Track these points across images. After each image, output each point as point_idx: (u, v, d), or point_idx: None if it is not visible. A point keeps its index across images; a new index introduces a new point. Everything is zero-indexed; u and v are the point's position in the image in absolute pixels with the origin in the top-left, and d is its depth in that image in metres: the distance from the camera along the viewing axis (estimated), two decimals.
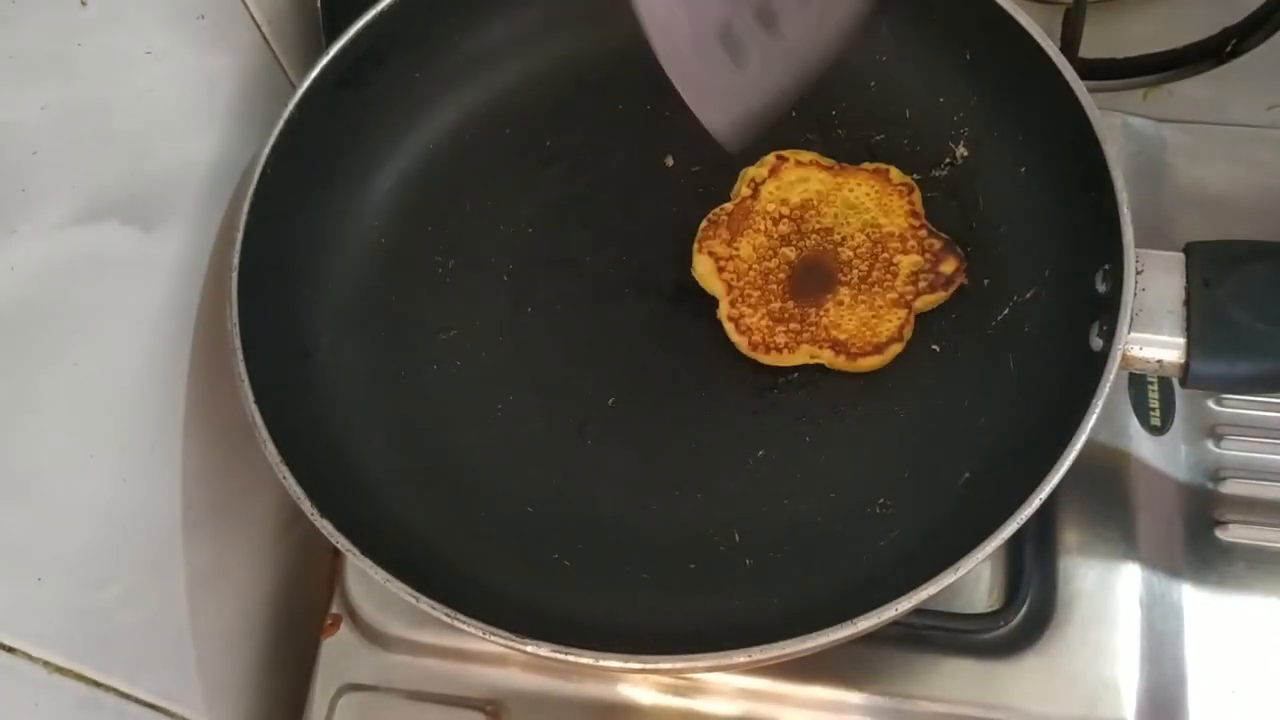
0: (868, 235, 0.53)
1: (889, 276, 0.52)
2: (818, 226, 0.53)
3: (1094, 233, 0.48)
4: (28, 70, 0.40)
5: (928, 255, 0.52)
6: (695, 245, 0.54)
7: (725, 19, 0.43)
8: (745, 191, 0.54)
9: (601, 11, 0.59)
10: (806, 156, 0.55)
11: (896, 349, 0.51)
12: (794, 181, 0.54)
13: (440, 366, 0.53)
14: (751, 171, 0.54)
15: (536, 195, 0.57)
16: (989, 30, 0.52)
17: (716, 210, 0.54)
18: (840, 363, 0.51)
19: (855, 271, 0.52)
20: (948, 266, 0.52)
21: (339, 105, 0.55)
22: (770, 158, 0.54)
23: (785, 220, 0.53)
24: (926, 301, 0.52)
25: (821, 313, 0.52)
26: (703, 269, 0.53)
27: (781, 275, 0.53)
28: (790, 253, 0.53)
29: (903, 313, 0.51)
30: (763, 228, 0.53)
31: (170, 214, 0.49)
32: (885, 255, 0.52)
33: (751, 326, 0.52)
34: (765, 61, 0.43)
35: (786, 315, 0.52)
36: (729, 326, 0.52)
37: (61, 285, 0.43)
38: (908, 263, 0.52)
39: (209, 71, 0.52)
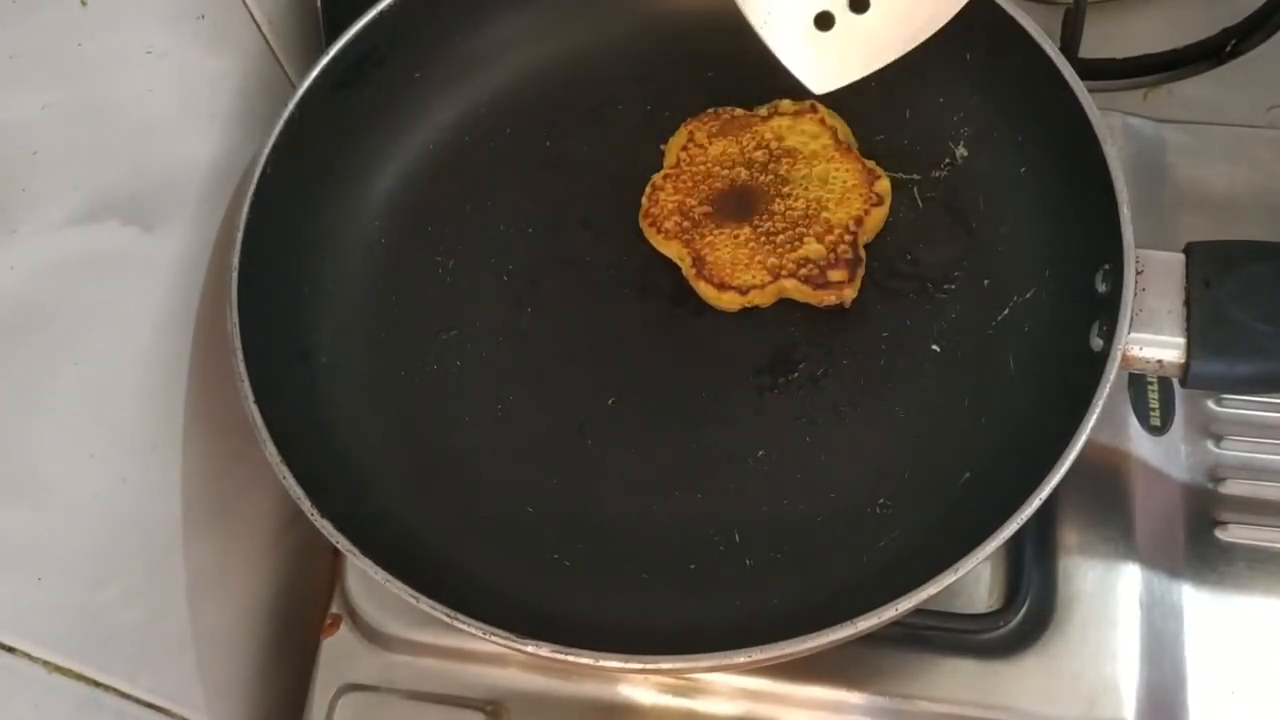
0: (807, 207, 0.53)
1: (787, 246, 0.52)
2: (781, 172, 0.54)
3: (1094, 233, 0.48)
4: (28, 70, 0.40)
5: (830, 255, 0.52)
6: (686, 120, 0.56)
7: (822, 7, 0.48)
8: (763, 113, 0.56)
9: (601, 11, 0.59)
10: (839, 123, 0.55)
11: (734, 300, 0.52)
12: (804, 129, 0.55)
13: (440, 366, 0.53)
14: (783, 104, 0.56)
15: (536, 195, 0.57)
16: (989, 30, 0.52)
17: (729, 108, 0.56)
18: (690, 275, 0.53)
19: (769, 223, 0.53)
20: (835, 275, 0.52)
21: (339, 105, 0.55)
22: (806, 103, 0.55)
23: (764, 150, 0.54)
24: (796, 288, 0.52)
25: (716, 231, 0.53)
26: (674, 140, 0.56)
27: (719, 185, 0.54)
28: (743, 174, 0.54)
29: (768, 278, 0.52)
30: (743, 143, 0.55)
31: (170, 214, 0.49)
32: (801, 230, 0.53)
33: (661, 201, 0.54)
34: (855, 38, 0.48)
35: (690, 213, 0.53)
36: (648, 189, 0.55)
37: (61, 285, 0.43)
38: (811, 248, 0.52)
39: (209, 71, 0.52)
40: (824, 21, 0.49)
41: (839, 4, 0.49)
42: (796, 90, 0.51)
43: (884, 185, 0.54)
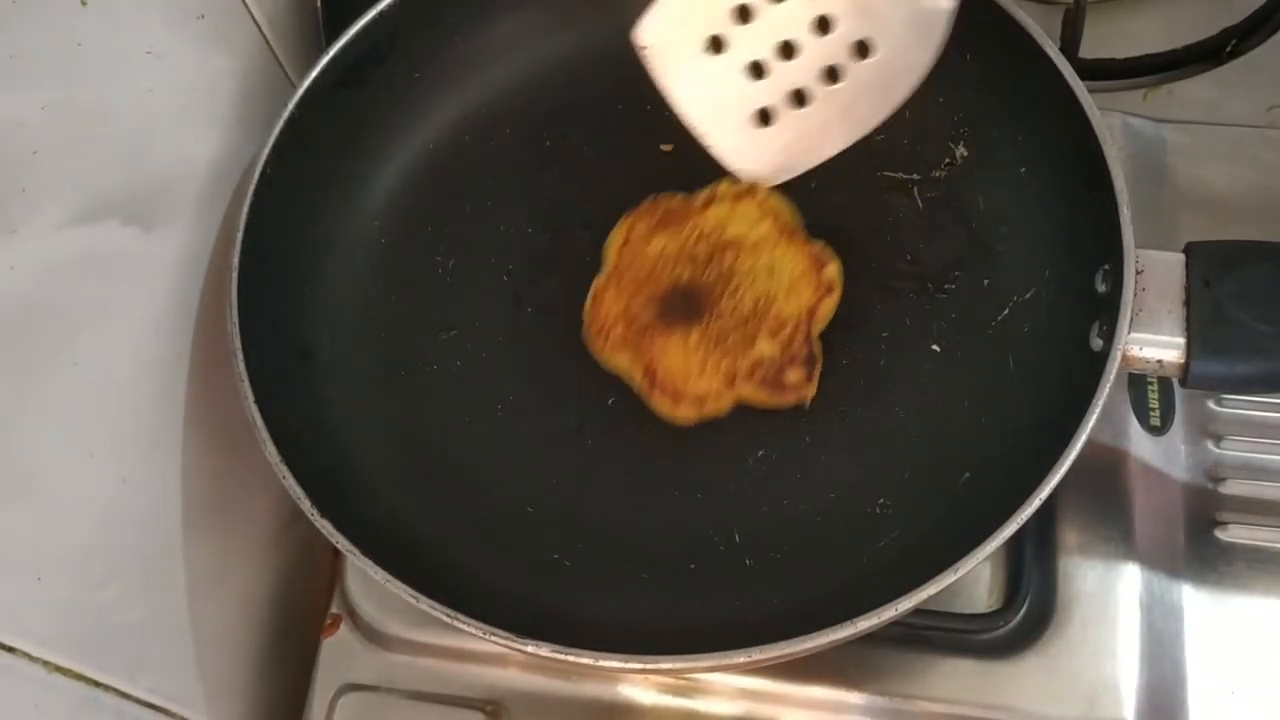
0: (756, 302, 0.51)
1: (738, 347, 0.50)
2: (725, 267, 0.52)
3: (1094, 233, 0.48)
4: (28, 70, 0.40)
5: (784, 354, 0.50)
6: (625, 214, 0.54)
7: (762, 104, 0.48)
8: (701, 199, 0.54)
9: (601, 11, 0.59)
10: (781, 204, 0.53)
11: (690, 411, 0.50)
12: (744, 215, 0.53)
13: (440, 366, 0.53)
14: (724, 186, 0.53)
15: (536, 195, 0.57)
16: (989, 30, 0.52)
17: (668, 196, 0.54)
18: (643, 388, 0.50)
19: (719, 324, 0.51)
20: (792, 376, 0.50)
21: (339, 105, 0.55)
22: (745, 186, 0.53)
23: (706, 241, 0.52)
24: (751, 391, 0.50)
25: (664, 336, 0.51)
26: (613, 237, 0.53)
27: (662, 285, 0.51)
28: (685, 272, 0.52)
29: (720, 385, 0.50)
30: (685, 234, 0.52)
31: (170, 214, 0.49)
32: (753, 329, 0.50)
33: (605, 310, 0.52)
34: (796, 133, 0.47)
35: (635, 319, 0.51)
36: (590, 298, 0.52)
37: (61, 285, 0.43)
38: (765, 348, 0.50)
39: (209, 71, 0.52)
40: (765, 118, 0.47)
41: (781, 99, 0.47)
42: None
43: (833, 270, 0.52)
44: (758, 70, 0.47)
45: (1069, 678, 0.51)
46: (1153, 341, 0.46)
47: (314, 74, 0.53)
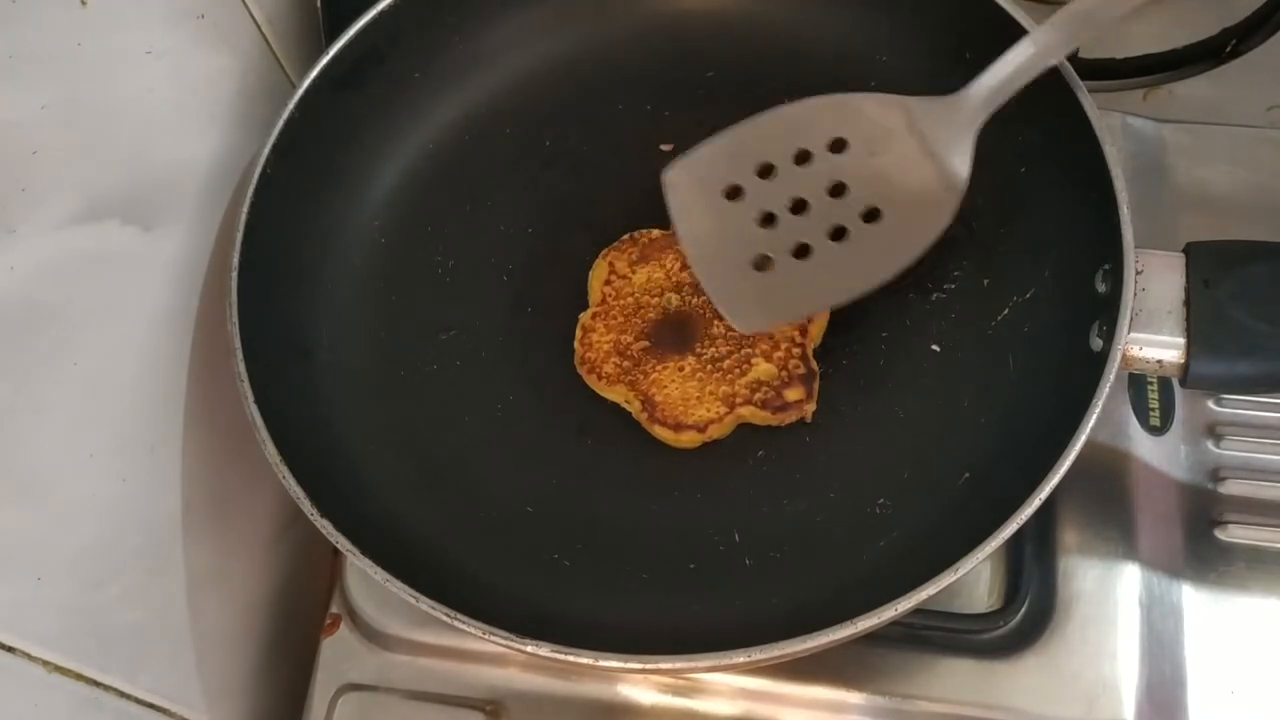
0: None
1: (736, 371, 0.50)
2: None
3: (1094, 233, 0.48)
4: (28, 70, 0.40)
5: (783, 373, 0.50)
6: (603, 251, 0.54)
7: (763, 251, 0.48)
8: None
9: (601, 11, 0.59)
10: None
11: (693, 439, 0.50)
12: None
13: (440, 366, 0.53)
14: None
15: (536, 195, 0.57)
16: (989, 30, 0.52)
17: (645, 231, 0.54)
18: (643, 419, 0.50)
19: (713, 349, 0.51)
20: (792, 394, 0.50)
21: (339, 105, 0.55)
22: None
23: (690, 270, 0.52)
24: (754, 414, 0.50)
25: (659, 366, 0.51)
26: (595, 274, 0.53)
27: (651, 315, 0.52)
28: (674, 300, 0.52)
29: (723, 410, 0.50)
30: (668, 266, 0.52)
31: (170, 214, 0.49)
32: (748, 350, 0.50)
33: (594, 344, 0.52)
34: (793, 283, 0.48)
35: (628, 351, 0.51)
36: (579, 333, 0.52)
37: (61, 285, 0.43)
38: (761, 369, 0.50)
39: (209, 71, 0.52)
40: (762, 264, 0.48)
41: (783, 249, 0.48)
42: (799, 86, 0.51)
43: None
44: (767, 220, 0.49)
45: (1069, 678, 0.51)
46: (1153, 341, 0.46)
47: (314, 74, 0.53)
